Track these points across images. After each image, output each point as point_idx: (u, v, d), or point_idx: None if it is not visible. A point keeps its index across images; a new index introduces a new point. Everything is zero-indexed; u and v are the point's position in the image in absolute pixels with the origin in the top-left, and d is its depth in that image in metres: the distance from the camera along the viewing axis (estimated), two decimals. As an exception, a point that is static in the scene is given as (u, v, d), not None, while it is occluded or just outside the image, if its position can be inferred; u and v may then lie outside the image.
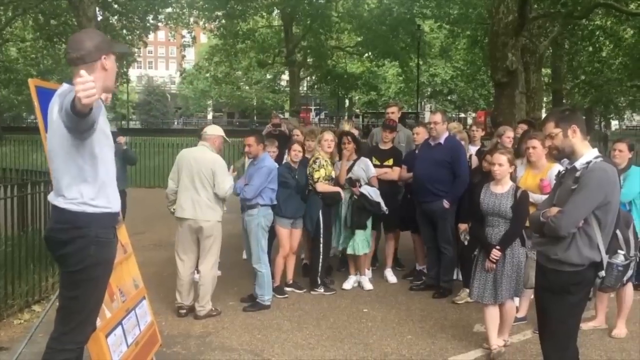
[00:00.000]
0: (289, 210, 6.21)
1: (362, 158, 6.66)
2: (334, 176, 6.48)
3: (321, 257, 6.44)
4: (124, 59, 28.56)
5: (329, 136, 6.58)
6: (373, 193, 6.37)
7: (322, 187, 6.32)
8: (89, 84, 2.42)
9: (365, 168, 6.58)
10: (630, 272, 3.42)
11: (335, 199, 6.38)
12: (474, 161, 6.55)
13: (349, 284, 6.65)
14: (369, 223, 6.53)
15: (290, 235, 6.35)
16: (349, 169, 6.57)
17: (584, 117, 3.64)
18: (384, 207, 6.38)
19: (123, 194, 6.20)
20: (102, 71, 3.00)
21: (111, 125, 3.91)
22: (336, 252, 7.60)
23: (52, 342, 3.08)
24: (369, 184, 6.50)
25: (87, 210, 2.96)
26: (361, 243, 6.47)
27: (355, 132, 7.53)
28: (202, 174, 5.45)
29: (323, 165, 6.35)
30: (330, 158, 6.58)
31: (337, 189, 6.41)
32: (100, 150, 2.98)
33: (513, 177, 4.86)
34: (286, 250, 6.34)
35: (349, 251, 6.54)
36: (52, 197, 3.05)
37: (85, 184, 2.95)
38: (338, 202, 6.45)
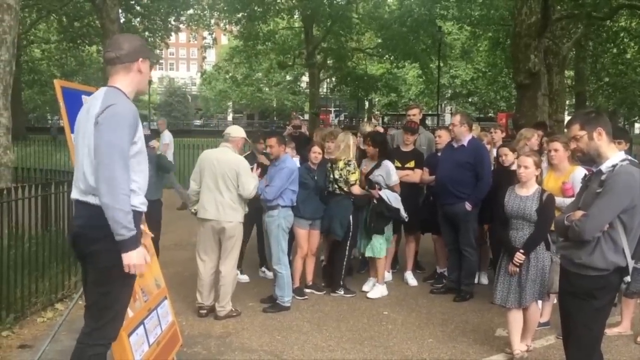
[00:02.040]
0: (307, 211, 6.20)
1: (385, 163, 6.50)
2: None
3: (345, 259, 6.42)
4: (147, 61, 28.86)
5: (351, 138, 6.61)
6: (393, 199, 6.27)
7: (358, 190, 6.33)
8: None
9: (385, 174, 6.45)
10: (657, 279, 3.35)
11: (366, 201, 6.38)
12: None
13: (368, 286, 6.62)
14: (389, 227, 6.48)
15: (309, 236, 6.35)
16: (370, 172, 6.52)
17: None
18: (403, 214, 6.30)
19: (158, 204, 6.13)
20: (137, 74, 3.14)
21: (145, 127, 3.93)
22: (356, 254, 7.59)
23: (84, 337, 3.11)
24: (390, 189, 6.44)
25: None
26: (380, 246, 6.42)
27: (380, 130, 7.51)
28: (225, 175, 5.47)
29: (357, 168, 6.41)
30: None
31: (371, 192, 6.36)
32: (136, 162, 3.07)
33: (539, 180, 4.79)
34: (304, 251, 6.34)
35: (368, 253, 6.51)
36: (80, 195, 3.06)
37: None
38: (368, 204, 6.42)
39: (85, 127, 3.02)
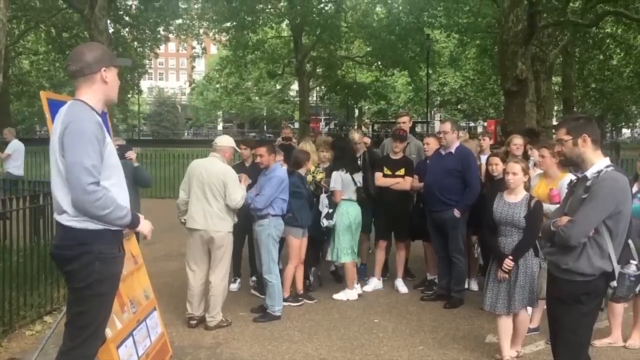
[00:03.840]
0: (304, 219, 6.27)
1: (334, 172, 6.57)
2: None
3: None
4: (135, 70, 28.84)
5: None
6: (322, 203, 6.50)
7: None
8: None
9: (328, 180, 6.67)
10: (643, 283, 3.37)
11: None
12: (484, 170, 6.53)
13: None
14: (355, 232, 6.58)
15: (301, 245, 6.37)
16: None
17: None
18: (323, 221, 6.40)
19: None
20: (102, 83, 3.05)
21: (119, 138, 3.87)
22: (338, 264, 7.61)
23: (62, 356, 3.07)
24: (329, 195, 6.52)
25: (89, 227, 2.94)
26: (344, 250, 6.51)
27: (367, 141, 7.57)
28: (213, 184, 5.47)
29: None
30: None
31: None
32: (106, 176, 2.98)
33: (527, 187, 4.82)
34: (297, 261, 6.35)
35: (329, 257, 6.67)
36: (57, 215, 3.04)
37: None
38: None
39: (54, 147, 2.97)
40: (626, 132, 68.18)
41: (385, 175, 6.79)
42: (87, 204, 2.84)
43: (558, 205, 4.48)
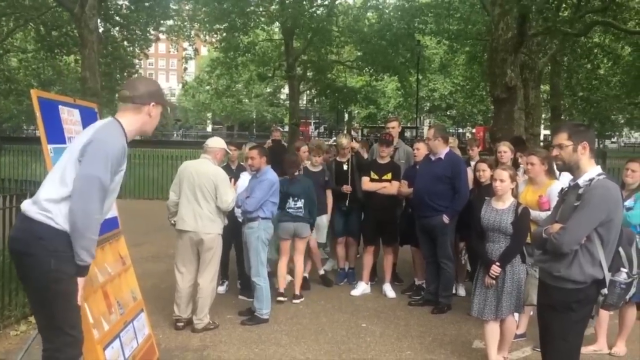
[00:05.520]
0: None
1: None
2: None
3: None
4: (125, 70, 28.75)
5: None
6: None
7: None
8: None
9: None
10: (633, 291, 3.40)
11: None
12: (470, 177, 6.55)
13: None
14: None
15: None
16: None
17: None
18: None
19: None
20: (146, 116, 3.21)
21: None
22: (334, 266, 7.64)
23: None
24: None
25: (52, 224, 2.93)
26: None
27: (355, 146, 7.57)
28: (204, 186, 5.45)
29: None
30: None
31: None
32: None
33: (514, 194, 4.85)
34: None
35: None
36: (26, 205, 3.02)
37: (65, 204, 2.95)
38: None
39: (73, 149, 3.03)
40: (613, 140, 68.85)
41: (372, 180, 6.81)
42: (85, 216, 2.90)
43: (547, 212, 4.52)
